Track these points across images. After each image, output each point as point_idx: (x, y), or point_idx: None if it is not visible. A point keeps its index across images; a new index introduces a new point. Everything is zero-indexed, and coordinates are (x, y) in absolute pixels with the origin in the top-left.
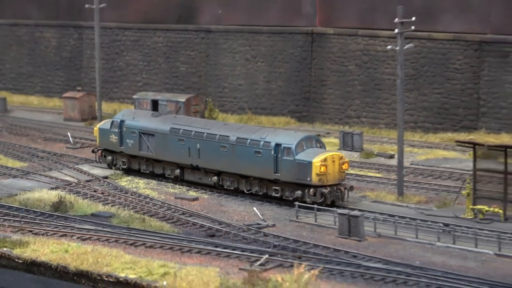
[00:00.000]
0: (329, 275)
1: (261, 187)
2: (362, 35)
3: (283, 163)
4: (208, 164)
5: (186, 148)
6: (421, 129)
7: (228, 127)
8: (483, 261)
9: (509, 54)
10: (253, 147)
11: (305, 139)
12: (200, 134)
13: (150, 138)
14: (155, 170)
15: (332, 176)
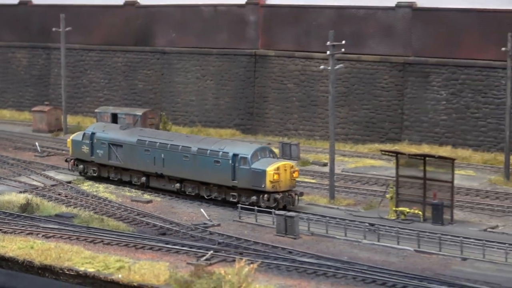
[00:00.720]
0: (267, 269)
1: (220, 193)
2: (299, 57)
3: (240, 172)
4: (171, 172)
5: (152, 158)
6: (352, 141)
7: (190, 139)
8: (404, 257)
9: (429, 74)
10: (213, 157)
11: (259, 150)
12: (164, 145)
13: (119, 148)
14: (123, 177)
15: (284, 183)
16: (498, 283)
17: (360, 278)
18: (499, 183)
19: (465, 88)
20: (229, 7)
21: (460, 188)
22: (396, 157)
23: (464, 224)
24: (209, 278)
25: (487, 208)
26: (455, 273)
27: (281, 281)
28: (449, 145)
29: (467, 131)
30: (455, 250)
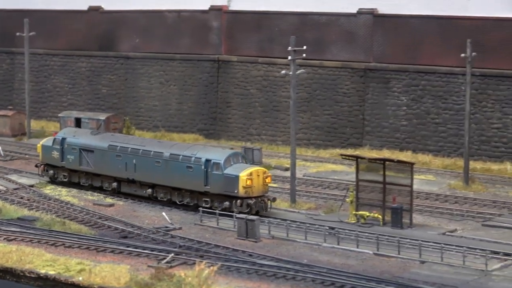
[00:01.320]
0: (227, 271)
1: (192, 199)
2: (262, 63)
3: (212, 177)
4: (143, 177)
5: (123, 163)
6: (314, 146)
7: (162, 144)
8: (363, 260)
9: (390, 80)
10: (185, 162)
11: (232, 155)
12: (136, 150)
13: (90, 154)
14: (94, 183)
15: (256, 188)
16: (455, 285)
17: (319, 281)
18: (459, 187)
19: (426, 94)
20: (193, 13)
21: (420, 193)
22: (356, 161)
23: (423, 227)
24: (169, 281)
25: (446, 212)
26: (413, 276)
27: (241, 283)
28: (409, 150)
29: (427, 137)
30: (414, 253)
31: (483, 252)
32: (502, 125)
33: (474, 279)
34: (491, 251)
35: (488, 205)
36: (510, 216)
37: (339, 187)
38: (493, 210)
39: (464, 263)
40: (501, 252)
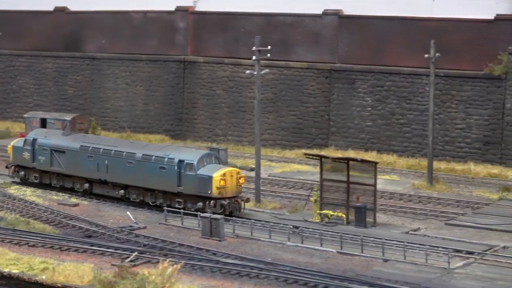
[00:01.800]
0: (191, 270)
1: (165, 200)
2: (228, 63)
3: (185, 178)
4: (115, 178)
5: (95, 164)
6: (279, 146)
7: (134, 145)
8: (327, 258)
9: (355, 81)
10: (158, 163)
11: (205, 156)
12: (108, 151)
13: (61, 155)
14: (65, 184)
15: (230, 189)
16: (418, 283)
17: (282, 279)
18: (422, 187)
19: (390, 94)
20: (159, 14)
21: (384, 192)
22: (320, 160)
23: (387, 226)
24: (132, 279)
25: (409, 212)
26: (376, 274)
27: (205, 281)
28: (374, 150)
29: (392, 137)
30: (377, 251)
31: (446, 251)
32: (466, 125)
33: (436, 277)
34: (454, 249)
35: (451, 204)
36: (473, 215)
37: (304, 187)
38: (456, 209)
39: (427, 261)
40: (464, 250)
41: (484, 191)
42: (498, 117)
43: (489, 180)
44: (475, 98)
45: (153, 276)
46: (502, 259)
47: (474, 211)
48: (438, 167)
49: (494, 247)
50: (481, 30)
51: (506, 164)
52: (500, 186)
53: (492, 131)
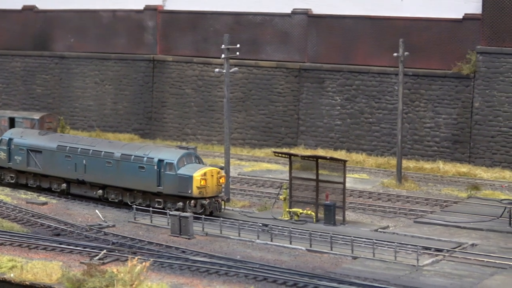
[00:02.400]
0: (160, 267)
1: (144, 200)
2: (197, 62)
3: (165, 177)
4: (93, 178)
5: (73, 164)
6: (249, 145)
7: (112, 144)
8: (296, 256)
9: (324, 80)
10: (137, 163)
11: (185, 155)
12: (86, 150)
13: (38, 154)
14: (42, 184)
15: (211, 189)
16: (387, 280)
17: (252, 276)
18: (392, 186)
19: (359, 93)
20: (128, 13)
21: (354, 191)
22: (289, 158)
23: (356, 224)
24: (101, 277)
25: (379, 210)
26: (345, 271)
27: (174, 279)
28: (343, 149)
29: (361, 136)
30: (346, 249)
31: (415, 248)
32: (435, 124)
33: (405, 274)
34: (423, 247)
35: (420, 202)
36: (441, 213)
37: (273, 185)
38: (425, 207)
39: (395, 258)
40: (433, 248)
41: (452, 190)
42: (467, 116)
43: (457, 179)
44: (443, 97)
45: (122, 273)
46: (470, 256)
47: (443, 209)
48: (407, 166)
49: (463, 245)
50: (450, 29)
51: (474, 163)
52: (468, 184)
53: (461, 130)
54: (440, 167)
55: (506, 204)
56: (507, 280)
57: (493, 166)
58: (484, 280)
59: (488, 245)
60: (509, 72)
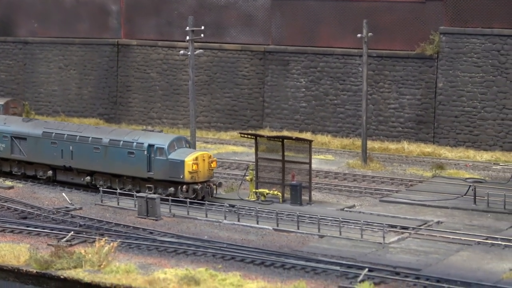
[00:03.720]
0: (128, 248)
1: (134, 186)
2: (162, 46)
3: (156, 163)
4: (81, 165)
5: (59, 151)
6: (214, 128)
7: (100, 130)
8: (263, 235)
9: (289, 62)
10: (126, 148)
11: (176, 140)
12: (72, 137)
13: (22, 142)
14: (27, 172)
15: (202, 173)
16: (353, 257)
17: (219, 255)
18: (357, 166)
19: (324, 75)
20: None
21: (319, 172)
22: (255, 139)
23: (322, 204)
24: (69, 258)
25: (344, 190)
26: (312, 249)
27: (142, 259)
28: (309, 131)
29: (326, 118)
30: (313, 228)
31: (381, 226)
32: (399, 105)
33: (372, 252)
34: (389, 225)
35: (385, 182)
36: (407, 192)
37: (239, 167)
38: (390, 187)
39: (362, 236)
40: (398, 226)
41: (417, 169)
42: (431, 97)
43: (422, 159)
44: (407, 78)
45: (90, 254)
46: (436, 233)
47: (408, 188)
48: (372, 147)
49: (428, 222)
50: (413, 10)
51: (439, 143)
52: (433, 164)
53: (425, 110)
54: (405, 148)
55: (470, 182)
56: (472, 256)
57: (457, 145)
58: (449, 256)
59: (453, 223)
60: (472, 53)
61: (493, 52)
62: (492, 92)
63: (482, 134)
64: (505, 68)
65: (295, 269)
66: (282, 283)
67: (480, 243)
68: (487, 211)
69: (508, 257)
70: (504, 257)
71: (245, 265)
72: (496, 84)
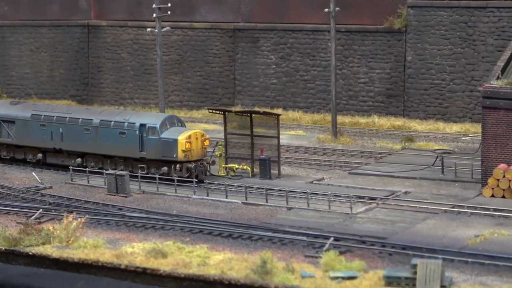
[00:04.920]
0: (96, 224)
1: (126, 166)
2: (132, 26)
3: (148, 142)
4: (71, 146)
5: (49, 133)
6: (186, 107)
7: (90, 111)
8: (232, 209)
9: (259, 40)
10: (117, 128)
11: (168, 118)
12: (62, 118)
13: (10, 125)
14: (16, 155)
15: (196, 152)
16: (320, 228)
17: (187, 229)
18: (327, 141)
19: (294, 51)
20: None
21: (290, 147)
22: (224, 114)
23: (292, 178)
24: (37, 235)
25: (314, 163)
26: (280, 221)
27: (110, 235)
28: (280, 108)
29: (297, 94)
30: (282, 201)
31: (348, 197)
32: (369, 79)
33: (339, 222)
34: (357, 196)
35: (355, 155)
36: (376, 165)
37: (210, 144)
38: (360, 160)
39: (329, 208)
40: (366, 196)
41: (387, 142)
42: (400, 70)
43: (392, 132)
44: (376, 52)
45: (58, 231)
46: (403, 203)
47: (377, 161)
48: (343, 121)
49: (396, 193)
50: None
51: (409, 116)
52: (403, 136)
53: (394, 84)
54: (375, 121)
55: (439, 153)
56: (438, 224)
57: (427, 118)
58: (416, 225)
59: (421, 192)
60: (440, 25)
61: (460, 24)
62: (460, 64)
63: (451, 106)
64: (472, 40)
65: (262, 241)
66: (248, 254)
67: (447, 212)
68: (455, 180)
69: (474, 224)
70: (470, 224)
71: (212, 238)
72: (464, 56)
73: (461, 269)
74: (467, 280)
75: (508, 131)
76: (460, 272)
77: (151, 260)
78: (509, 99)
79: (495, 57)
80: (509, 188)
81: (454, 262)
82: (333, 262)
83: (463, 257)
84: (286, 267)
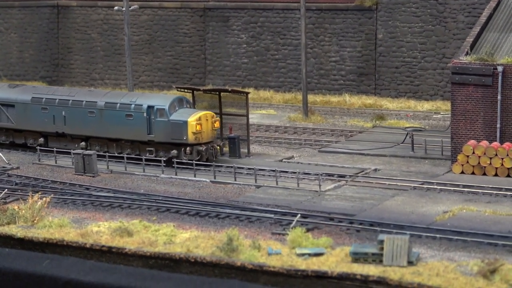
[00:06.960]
0: (62, 204)
1: (133, 150)
2: (101, 6)
3: (156, 124)
4: (75, 130)
5: (51, 116)
6: (157, 87)
7: (93, 93)
8: (200, 187)
9: (229, 19)
10: (123, 111)
11: (176, 100)
12: (65, 101)
13: (10, 109)
14: (16, 140)
15: (206, 134)
16: (288, 205)
17: (154, 208)
18: (298, 120)
19: (265, 30)
20: None
21: (260, 126)
22: (192, 93)
23: (261, 156)
24: (2, 215)
25: (284, 142)
26: (248, 199)
27: (76, 214)
28: (251, 87)
29: (268, 73)
30: (250, 179)
31: (317, 175)
32: (340, 58)
33: (307, 199)
34: (326, 174)
35: (326, 134)
36: (346, 143)
37: None
38: (330, 138)
39: (298, 185)
40: (336, 174)
41: (358, 121)
42: (371, 48)
43: (364, 110)
44: (347, 30)
45: (23, 210)
46: (372, 180)
47: (348, 139)
48: (314, 100)
49: (365, 170)
50: None
51: (380, 94)
52: (374, 115)
53: (366, 62)
54: (347, 100)
55: (409, 130)
56: (407, 201)
57: (398, 96)
58: (384, 202)
59: (391, 170)
60: (411, 3)
61: (431, 1)
62: (431, 42)
63: (422, 84)
64: (443, 17)
65: (229, 218)
66: (215, 232)
67: (416, 188)
68: (425, 157)
69: (443, 200)
70: (439, 201)
71: (179, 216)
72: (435, 34)
73: (429, 245)
74: (434, 255)
75: (478, 107)
76: (428, 247)
77: (117, 239)
78: (478, 74)
79: (466, 34)
80: (478, 164)
81: (422, 238)
82: (300, 239)
83: (431, 232)
84: (253, 244)
